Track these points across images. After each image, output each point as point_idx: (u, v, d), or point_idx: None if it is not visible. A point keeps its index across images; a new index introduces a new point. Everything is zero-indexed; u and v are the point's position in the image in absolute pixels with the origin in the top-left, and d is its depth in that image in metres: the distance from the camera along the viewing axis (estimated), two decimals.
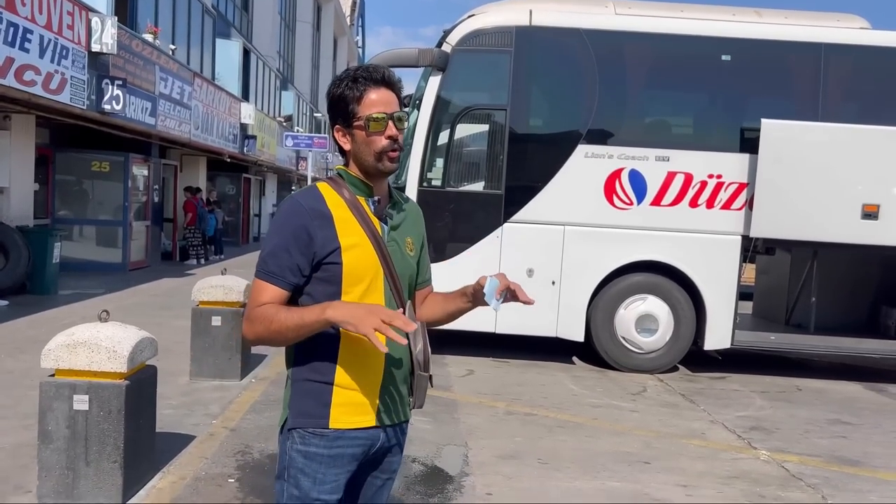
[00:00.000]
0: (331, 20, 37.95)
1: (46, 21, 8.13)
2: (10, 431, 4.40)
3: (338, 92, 1.81)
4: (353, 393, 1.78)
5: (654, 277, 7.11)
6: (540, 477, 4.19)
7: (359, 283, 1.76)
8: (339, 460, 1.77)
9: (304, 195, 1.82)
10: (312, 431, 1.76)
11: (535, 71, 7.24)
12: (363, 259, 1.77)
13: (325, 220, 1.75)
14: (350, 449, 1.79)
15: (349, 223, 1.77)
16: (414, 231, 1.94)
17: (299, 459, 1.77)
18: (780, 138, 6.72)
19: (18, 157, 9.96)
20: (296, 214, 1.76)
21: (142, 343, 3.55)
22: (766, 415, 5.91)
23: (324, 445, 1.75)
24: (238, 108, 17.33)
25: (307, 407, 1.77)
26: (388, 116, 1.78)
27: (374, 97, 1.78)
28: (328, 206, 1.78)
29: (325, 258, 1.74)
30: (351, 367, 1.77)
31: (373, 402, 1.80)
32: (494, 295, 1.79)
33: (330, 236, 1.74)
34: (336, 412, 1.77)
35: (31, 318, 7.97)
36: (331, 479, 1.77)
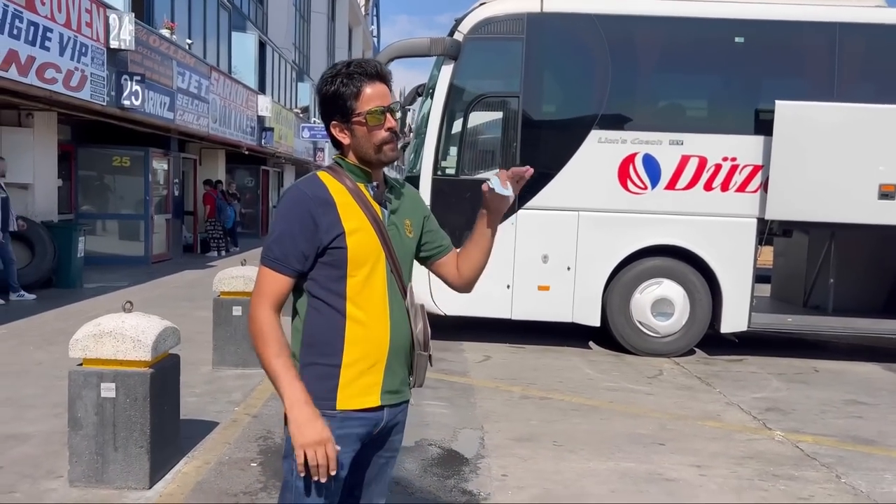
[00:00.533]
0: (345, 10, 37.97)
1: (66, 19, 8.28)
2: (41, 420, 4.56)
3: (332, 89, 1.86)
4: (359, 375, 1.84)
5: (670, 261, 7.13)
6: (554, 458, 4.27)
7: (362, 267, 1.83)
8: (345, 440, 1.83)
9: (306, 184, 1.88)
10: (322, 413, 1.81)
11: (548, 57, 7.26)
12: (366, 243, 1.83)
13: (328, 207, 1.82)
14: (356, 429, 1.86)
15: (351, 209, 1.84)
16: (412, 213, 2.01)
17: None
18: (794, 119, 6.69)
19: (41, 154, 10.17)
20: (300, 202, 1.83)
21: (165, 332, 3.66)
22: (783, 396, 5.94)
23: (333, 427, 1.81)
24: (255, 100, 17.46)
25: (315, 389, 1.82)
26: (385, 109, 1.84)
27: (371, 92, 1.84)
28: (330, 193, 1.85)
29: (331, 243, 1.80)
30: (356, 351, 1.84)
31: (377, 382, 1.87)
32: (501, 185, 1.90)
33: (334, 222, 1.81)
34: (343, 394, 1.84)
35: (58, 311, 8.18)
36: (339, 458, 1.83)
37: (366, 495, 2.02)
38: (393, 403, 1.92)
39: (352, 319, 1.83)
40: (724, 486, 3.95)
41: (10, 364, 5.87)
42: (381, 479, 2.04)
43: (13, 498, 3.44)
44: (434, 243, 2.08)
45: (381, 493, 2.05)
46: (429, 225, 2.07)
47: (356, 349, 1.84)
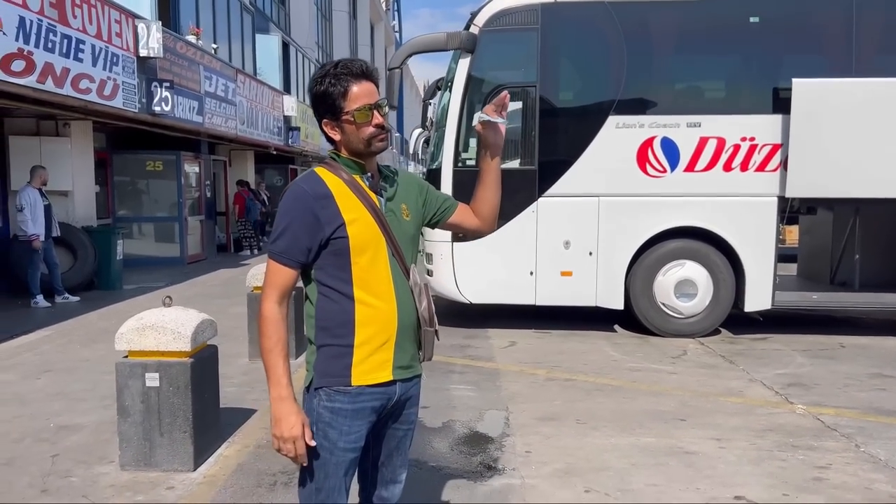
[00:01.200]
0: (366, 7, 38.22)
1: (97, 31, 8.59)
2: (91, 411, 4.84)
3: (321, 89, 1.99)
4: (371, 353, 1.99)
5: (692, 243, 7.20)
6: (577, 435, 4.42)
7: (364, 253, 1.97)
8: (361, 413, 1.99)
9: (305, 180, 2.01)
10: (337, 389, 1.98)
11: (563, 46, 7.36)
12: (366, 231, 1.97)
13: (327, 200, 1.96)
14: (370, 402, 2.01)
15: (349, 200, 1.98)
16: (406, 197, 2.14)
17: (326, 414, 1.99)
18: (812, 97, 6.71)
19: (79, 162, 10.55)
20: (300, 198, 1.96)
21: (202, 324, 3.90)
22: (806, 371, 6.00)
23: (348, 401, 1.98)
24: (281, 101, 17.77)
25: (331, 368, 1.98)
26: (372, 107, 1.98)
27: (357, 90, 1.97)
28: (328, 187, 1.98)
29: (333, 234, 1.94)
30: (366, 331, 1.98)
31: (388, 359, 2.01)
32: (492, 117, 2.12)
33: (334, 214, 1.95)
34: (356, 371, 1.98)
35: (101, 312, 8.53)
36: (355, 430, 2.00)
37: (389, 467, 2.18)
38: (404, 378, 2.06)
39: (360, 302, 1.97)
40: (743, 458, 4.07)
41: (60, 361, 6.19)
42: (401, 452, 2.18)
43: (70, 482, 3.71)
44: (439, 208, 2.24)
45: (402, 464, 2.20)
46: (429, 196, 2.22)
47: (366, 329, 1.98)
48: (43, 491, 3.60)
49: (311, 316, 2.04)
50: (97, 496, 3.53)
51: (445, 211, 2.25)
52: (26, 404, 5.00)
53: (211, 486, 3.64)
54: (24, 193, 8.70)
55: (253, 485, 3.67)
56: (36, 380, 5.63)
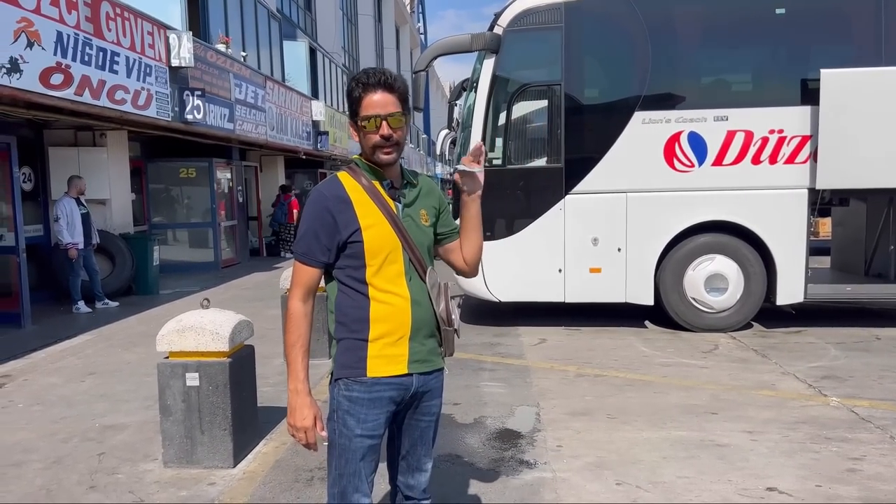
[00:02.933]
0: (391, 10, 38.44)
1: (130, 43, 8.83)
2: (134, 412, 5.01)
3: (348, 93, 2.14)
4: (385, 347, 2.09)
5: (721, 237, 7.17)
6: (608, 430, 4.46)
7: (377, 256, 2.07)
8: (377, 402, 2.10)
9: (326, 185, 2.14)
10: (354, 380, 2.09)
11: (587, 44, 7.38)
12: (381, 236, 2.07)
13: (345, 205, 2.07)
14: (387, 393, 2.10)
15: (367, 205, 2.08)
16: (427, 203, 2.24)
17: (345, 403, 2.10)
18: (841, 87, 6.65)
19: (115, 171, 10.83)
20: (320, 202, 2.09)
21: (239, 325, 4.02)
22: (840, 364, 5.95)
23: (364, 391, 2.09)
24: (309, 106, 17.99)
25: (348, 361, 2.11)
26: (381, 117, 2.05)
27: (370, 99, 2.06)
28: (347, 192, 2.10)
29: (349, 238, 2.06)
30: (380, 326, 2.08)
31: (402, 353, 2.10)
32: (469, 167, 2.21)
33: (351, 218, 2.06)
34: (371, 363, 2.09)
35: (139, 316, 8.76)
36: (371, 418, 2.10)
37: (413, 457, 2.27)
38: (423, 371, 2.15)
39: (374, 300, 2.08)
40: (775, 450, 4.07)
41: (103, 365, 6.39)
42: (425, 442, 2.27)
43: (117, 479, 3.86)
44: (445, 230, 2.32)
45: (426, 454, 2.28)
46: (442, 215, 2.31)
47: (380, 325, 2.08)
48: (91, 487, 3.75)
49: (332, 311, 2.16)
50: (142, 492, 3.67)
51: (448, 237, 2.33)
52: (72, 406, 5.19)
53: (250, 482, 3.76)
54: (59, 204, 8.98)
55: (291, 480, 3.78)
56: (80, 382, 5.82)
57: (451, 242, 2.34)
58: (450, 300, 2.21)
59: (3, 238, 8.53)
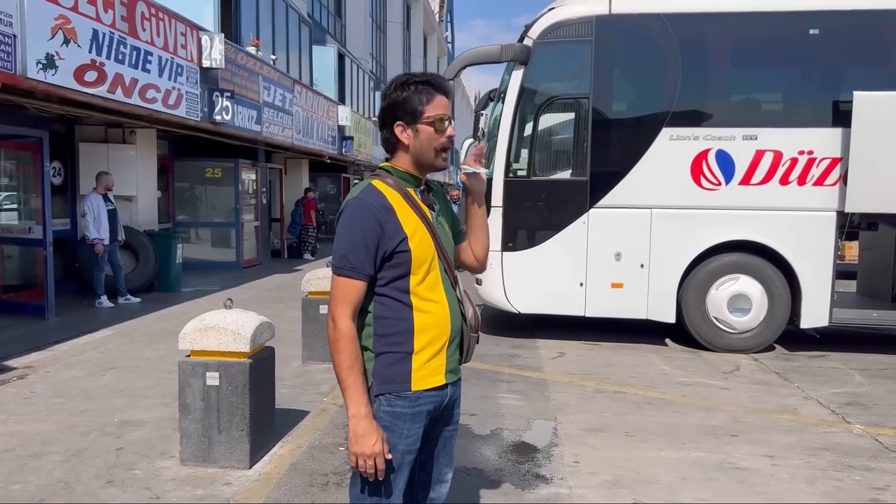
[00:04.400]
0: (420, 18, 38.63)
1: (163, 43, 8.95)
2: (153, 408, 5.04)
3: (405, 94, 2.06)
4: (428, 358, 2.06)
5: (746, 257, 7.09)
6: (626, 448, 4.41)
7: (422, 266, 2.04)
8: (418, 416, 2.07)
9: (368, 194, 2.03)
10: (397, 395, 2.04)
11: (617, 58, 7.36)
12: (424, 244, 2.04)
13: (390, 213, 2.00)
14: (427, 406, 2.08)
15: (407, 213, 2.04)
16: (444, 209, 2.25)
17: (386, 419, 2.03)
18: (873, 110, 6.56)
19: (143, 168, 10.96)
20: (367, 211, 1.99)
21: (261, 326, 4.04)
22: (865, 391, 5.85)
23: (408, 406, 2.04)
24: (335, 110, 18.11)
25: (392, 375, 2.04)
26: (450, 119, 2.09)
27: (439, 101, 2.07)
28: (388, 200, 2.03)
29: (396, 247, 1.99)
30: (424, 337, 2.05)
31: (441, 364, 2.09)
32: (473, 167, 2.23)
33: (396, 227, 2.00)
34: (416, 376, 2.05)
35: (161, 313, 8.84)
36: (413, 433, 2.07)
37: (436, 468, 2.24)
38: (454, 381, 2.17)
39: (418, 310, 2.04)
40: (797, 476, 4.00)
41: (123, 360, 6.45)
42: (448, 452, 2.25)
43: (134, 475, 3.88)
44: (455, 231, 2.32)
45: (448, 464, 2.26)
46: (453, 219, 2.32)
47: (424, 336, 2.05)
48: (108, 482, 3.78)
49: (369, 325, 2.06)
50: (159, 489, 3.69)
51: (459, 237, 2.33)
52: (92, 399, 5.23)
53: (266, 484, 3.76)
54: (87, 200, 9.10)
55: (306, 484, 3.78)
56: (101, 376, 5.88)
57: (462, 243, 2.36)
58: (476, 307, 2.23)
59: (31, 231, 8.66)
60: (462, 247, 2.35)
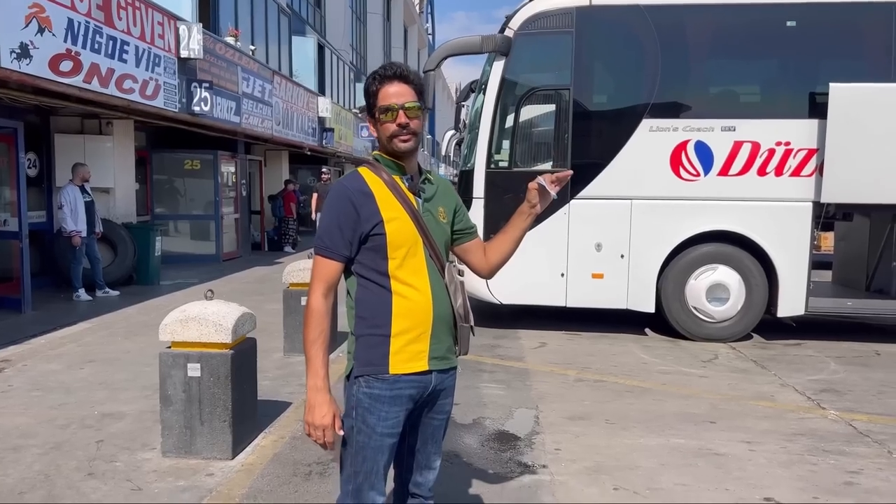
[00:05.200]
0: (400, 10, 38.48)
1: (140, 32, 8.84)
2: (133, 400, 5.01)
3: (366, 89, 2.18)
4: (407, 343, 2.09)
5: (724, 247, 7.18)
6: (606, 435, 4.46)
7: (399, 249, 2.08)
8: (398, 399, 2.10)
9: (348, 179, 2.15)
10: (376, 377, 2.09)
11: (597, 50, 7.39)
12: (402, 229, 2.08)
13: (367, 198, 2.08)
14: (407, 390, 2.11)
15: (388, 199, 2.09)
16: (444, 201, 2.26)
17: (365, 400, 2.09)
18: (849, 101, 6.66)
19: (120, 160, 10.84)
20: (343, 196, 2.09)
21: (243, 317, 4.03)
22: (840, 378, 5.95)
23: (386, 388, 2.09)
24: (315, 102, 18.01)
25: (370, 357, 2.10)
26: (397, 106, 2.09)
27: (387, 90, 2.11)
28: (369, 185, 2.11)
29: (371, 230, 2.06)
30: (403, 322, 2.08)
31: (423, 349, 2.11)
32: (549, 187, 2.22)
33: (373, 211, 2.07)
34: (394, 360, 2.09)
35: (140, 306, 8.76)
36: (392, 415, 2.10)
37: (423, 454, 2.27)
38: (441, 369, 2.16)
39: (397, 294, 2.08)
40: (773, 461, 4.07)
41: (102, 353, 6.39)
42: (436, 439, 2.28)
43: (115, 467, 3.86)
44: (462, 229, 2.33)
45: (436, 451, 2.30)
46: (458, 214, 2.32)
47: (403, 320, 2.08)
48: (89, 474, 3.75)
49: (352, 307, 2.15)
50: (140, 480, 3.67)
51: (464, 236, 2.34)
52: (71, 392, 5.19)
53: (248, 474, 3.76)
54: (63, 192, 8.98)
55: (289, 474, 3.78)
56: (80, 369, 5.83)
57: (466, 242, 2.35)
58: (466, 297, 2.21)
59: (6, 223, 8.53)
60: (468, 247, 2.34)
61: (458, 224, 2.32)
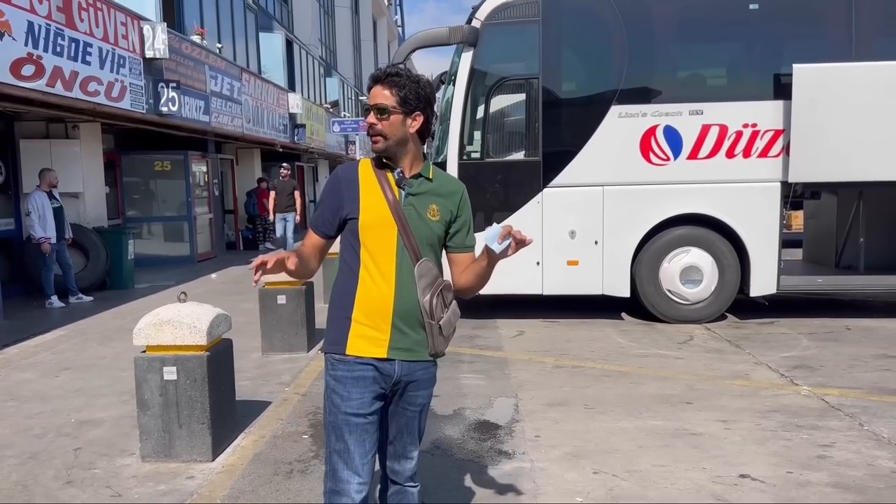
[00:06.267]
0: (368, 2, 38.22)
1: (103, 34, 8.70)
2: (110, 406, 4.96)
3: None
4: (367, 328, 2.18)
5: (696, 230, 7.27)
6: (585, 420, 4.51)
7: (369, 237, 2.17)
8: (360, 381, 2.17)
9: (343, 167, 2.30)
10: (338, 358, 2.19)
11: (564, 38, 7.42)
12: (376, 216, 2.17)
13: (353, 184, 2.22)
14: (369, 373, 2.18)
15: (371, 188, 2.20)
16: (441, 201, 2.23)
17: (331, 381, 2.22)
18: (813, 82, 6.76)
19: (89, 163, 10.68)
20: (333, 180, 2.29)
21: (217, 318, 4.00)
22: (812, 354, 6.07)
23: (346, 370, 2.18)
24: (286, 98, 17.87)
25: (332, 336, 2.23)
26: (369, 108, 2.19)
27: (370, 93, 2.23)
28: (359, 175, 2.24)
29: (348, 214, 2.21)
30: (364, 308, 2.17)
31: (382, 337, 2.17)
32: (496, 240, 2.08)
33: (354, 198, 2.20)
34: (352, 341, 2.18)
35: (115, 311, 8.67)
36: (355, 396, 2.17)
37: (399, 444, 2.32)
38: (407, 360, 2.20)
39: (362, 280, 2.18)
40: (748, 438, 4.15)
41: (77, 359, 6.32)
42: (410, 431, 2.32)
43: (94, 474, 3.83)
44: (455, 238, 2.29)
45: (412, 442, 2.33)
46: (459, 219, 2.28)
47: (364, 307, 2.17)
48: (68, 482, 3.72)
49: (332, 287, 2.30)
50: (120, 487, 3.65)
51: (456, 249, 2.30)
52: (47, 401, 5.13)
53: (229, 475, 3.75)
54: (31, 198, 8.83)
55: (270, 473, 3.77)
56: (55, 377, 5.76)
57: (454, 253, 2.32)
58: (439, 295, 2.19)
59: None
60: (456, 258, 2.31)
61: (452, 230, 2.28)
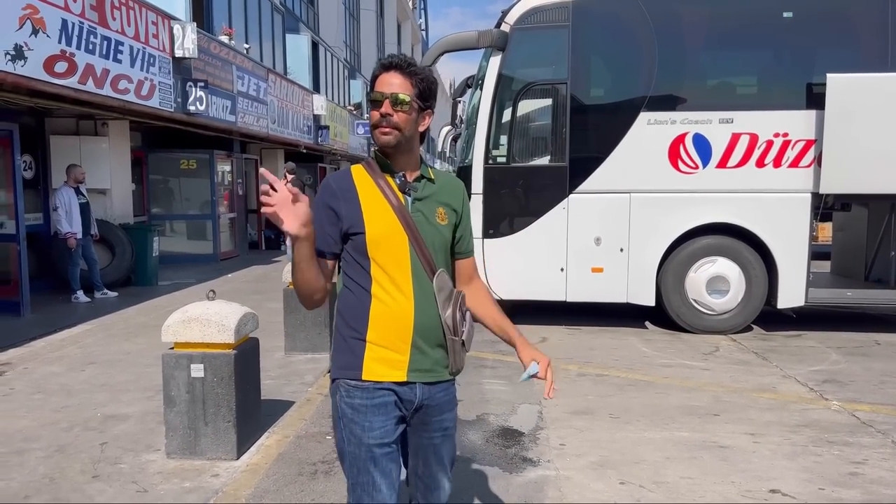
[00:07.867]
0: (393, 6, 38.37)
1: (134, 32, 8.79)
2: (136, 402, 4.99)
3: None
4: (384, 350, 1.96)
5: (724, 239, 7.18)
6: (610, 429, 4.46)
7: (379, 250, 1.96)
8: (382, 408, 1.96)
9: (334, 177, 2.06)
10: (354, 384, 1.96)
11: (594, 43, 7.38)
12: (385, 227, 1.96)
13: (350, 195, 1.98)
14: (390, 398, 1.97)
15: (373, 197, 1.98)
16: (445, 200, 2.08)
17: (348, 411, 1.97)
18: (847, 92, 6.66)
19: (117, 161, 10.79)
20: (325, 193, 2.01)
21: (245, 317, 4.01)
22: (841, 368, 5.97)
23: (366, 397, 1.95)
24: (310, 100, 17.95)
25: (345, 361, 1.99)
26: (383, 96, 1.95)
27: (381, 80, 1.99)
28: (355, 183, 2.00)
29: (351, 228, 1.96)
30: (380, 327, 1.96)
31: (402, 359, 1.97)
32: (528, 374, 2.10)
33: (354, 209, 1.96)
34: (368, 365, 1.96)
35: (139, 307, 8.74)
36: (378, 425, 1.95)
37: (428, 476, 2.12)
38: (428, 382, 2.01)
39: (376, 297, 1.96)
40: (777, 452, 4.08)
41: (103, 354, 6.37)
42: (439, 459, 2.11)
43: (120, 469, 3.84)
44: (460, 244, 2.15)
45: (442, 471, 2.13)
46: (461, 221, 2.14)
47: (380, 326, 1.96)
48: (94, 477, 3.74)
49: (337, 308, 2.05)
50: (146, 482, 3.66)
51: (462, 254, 2.17)
52: (73, 395, 5.17)
53: (254, 474, 3.75)
54: (58, 194, 8.94)
55: (294, 473, 3.77)
56: (81, 371, 5.81)
57: (462, 261, 2.18)
58: (460, 309, 2.03)
59: (3, 226, 8.49)
60: (467, 262, 2.19)
61: (457, 233, 2.13)
